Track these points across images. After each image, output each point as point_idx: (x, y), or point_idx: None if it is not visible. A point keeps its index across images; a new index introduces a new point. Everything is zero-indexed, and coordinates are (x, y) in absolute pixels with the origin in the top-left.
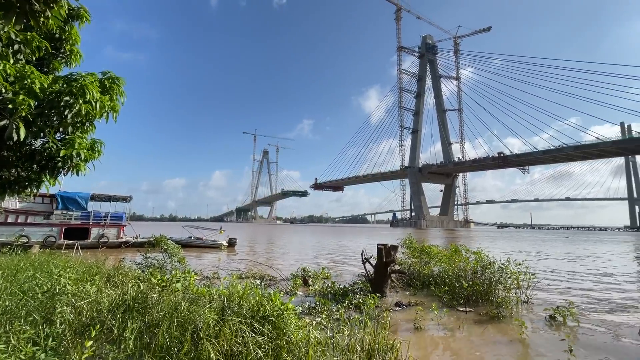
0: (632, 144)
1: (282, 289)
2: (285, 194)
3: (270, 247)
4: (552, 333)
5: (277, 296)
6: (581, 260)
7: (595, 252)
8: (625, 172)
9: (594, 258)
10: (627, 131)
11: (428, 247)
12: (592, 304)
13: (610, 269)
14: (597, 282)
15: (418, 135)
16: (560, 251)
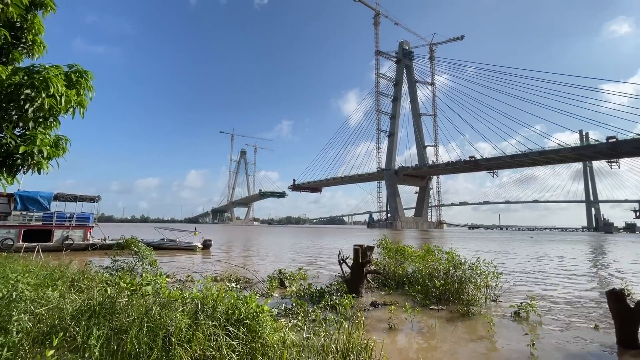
0: (589, 151)
1: (258, 291)
2: (262, 194)
3: (247, 249)
4: (517, 328)
5: (252, 299)
6: (544, 260)
7: (556, 252)
8: (583, 177)
9: (556, 257)
10: (585, 138)
11: (402, 248)
12: (553, 299)
13: (569, 267)
14: (557, 280)
15: (394, 139)
16: (525, 251)
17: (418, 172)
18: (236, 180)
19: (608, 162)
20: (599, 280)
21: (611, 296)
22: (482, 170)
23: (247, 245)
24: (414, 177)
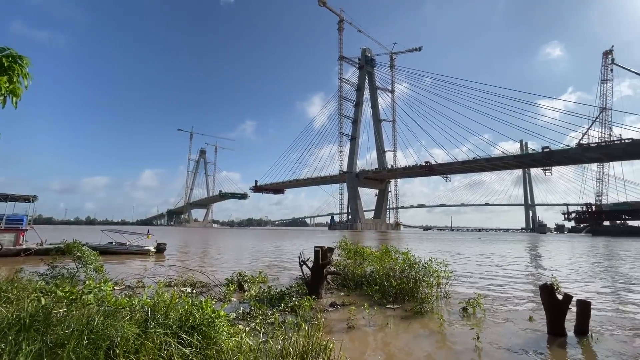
0: (527, 159)
1: (215, 295)
2: (223, 196)
3: (205, 252)
4: (465, 323)
5: (208, 304)
6: (489, 258)
7: (500, 251)
8: (522, 182)
9: (499, 256)
10: (525, 148)
11: (362, 249)
12: (496, 295)
13: (510, 265)
14: (500, 277)
15: (356, 142)
16: (474, 251)
17: (378, 176)
18: (194, 180)
19: (543, 170)
20: (534, 276)
21: (543, 290)
22: (436, 175)
23: (206, 248)
24: (374, 180)
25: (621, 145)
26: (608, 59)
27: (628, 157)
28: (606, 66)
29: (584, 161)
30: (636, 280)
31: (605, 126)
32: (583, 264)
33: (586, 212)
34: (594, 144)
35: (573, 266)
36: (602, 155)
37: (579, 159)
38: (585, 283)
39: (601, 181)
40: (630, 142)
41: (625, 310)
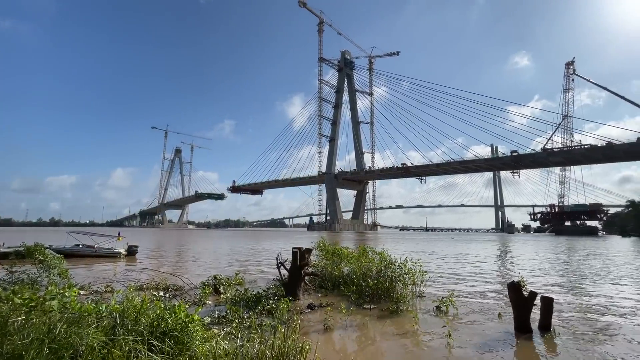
0: (498, 162)
1: (189, 299)
2: (199, 196)
3: (180, 255)
4: (438, 321)
5: (181, 308)
6: (463, 257)
7: (472, 251)
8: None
9: (471, 255)
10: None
11: (339, 250)
12: (468, 293)
13: (481, 263)
14: (472, 275)
15: (335, 144)
16: (447, 250)
17: (356, 177)
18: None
19: (512, 173)
20: (503, 274)
21: (510, 288)
22: (412, 177)
23: (180, 250)
24: (352, 182)
25: (581, 150)
26: (570, 69)
27: (587, 161)
28: (568, 76)
29: (548, 165)
30: (591, 276)
31: (567, 132)
32: (546, 262)
33: (550, 213)
34: (557, 149)
35: (537, 264)
36: (564, 159)
37: (544, 163)
38: (547, 280)
39: (563, 184)
40: (589, 147)
41: (582, 303)
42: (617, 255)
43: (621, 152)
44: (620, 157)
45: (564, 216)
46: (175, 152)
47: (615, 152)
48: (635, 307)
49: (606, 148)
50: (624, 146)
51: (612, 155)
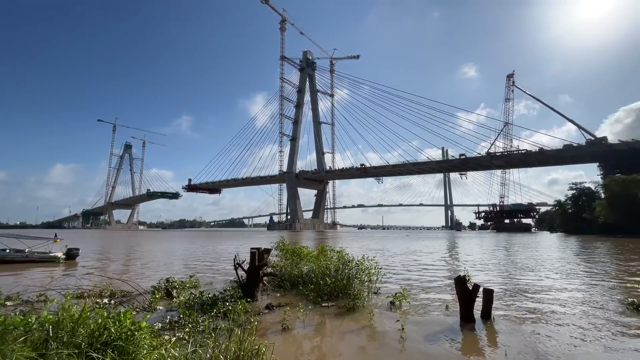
0: (447, 164)
1: (138, 305)
2: (151, 195)
3: (129, 257)
4: (392, 316)
5: (127, 315)
6: (415, 254)
7: (424, 247)
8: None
9: (423, 252)
10: (446, 154)
11: (299, 249)
12: (420, 287)
13: (432, 260)
14: (424, 271)
15: (296, 143)
16: (402, 247)
17: (316, 177)
18: (118, 178)
19: (460, 174)
20: (451, 268)
21: (457, 281)
22: (370, 177)
23: (129, 252)
24: (313, 181)
25: (519, 155)
26: (510, 81)
27: (524, 165)
28: (509, 87)
29: (491, 167)
30: (526, 268)
31: (508, 138)
32: (488, 256)
33: (492, 212)
34: (499, 153)
35: (481, 259)
36: (505, 162)
37: (488, 166)
38: (489, 273)
39: (504, 185)
40: (525, 152)
41: (516, 293)
42: (545, 249)
43: (551, 158)
44: (550, 161)
45: (504, 215)
46: (125, 147)
47: (546, 157)
48: (558, 293)
49: (539, 153)
50: (553, 152)
51: (543, 159)
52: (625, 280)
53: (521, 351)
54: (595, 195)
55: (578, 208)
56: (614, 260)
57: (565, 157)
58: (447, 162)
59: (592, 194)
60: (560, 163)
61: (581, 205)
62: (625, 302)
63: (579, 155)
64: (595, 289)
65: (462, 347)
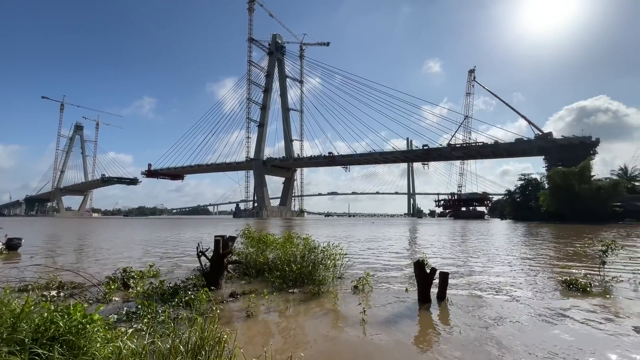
0: (411, 154)
1: (91, 297)
2: (106, 181)
3: (81, 247)
4: (355, 299)
5: (78, 307)
6: (379, 240)
7: (387, 233)
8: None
9: (387, 238)
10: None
11: (265, 236)
12: (381, 271)
13: (394, 245)
14: (386, 255)
15: (264, 129)
16: (366, 234)
17: (284, 164)
18: (67, 161)
19: (422, 164)
20: (412, 253)
21: (416, 265)
22: (338, 165)
23: (82, 242)
24: (281, 169)
25: (476, 147)
26: (471, 76)
27: (480, 156)
28: (470, 82)
29: (451, 158)
30: (478, 252)
31: (467, 131)
32: (445, 241)
33: (450, 200)
34: (459, 145)
35: (438, 244)
36: (464, 154)
37: (448, 156)
38: (445, 256)
39: (462, 175)
40: (482, 145)
41: (471, 274)
42: (495, 235)
43: (504, 150)
44: (503, 154)
45: (461, 203)
46: (75, 128)
47: (500, 149)
48: (505, 275)
49: (494, 146)
50: (506, 145)
51: (498, 152)
52: (560, 261)
53: (472, 327)
54: (540, 186)
55: (525, 197)
56: (552, 244)
57: (517, 150)
58: (411, 152)
59: (538, 185)
60: (512, 155)
61: (528, 195)
62: (561, 280)
63: (529, 148)
64: (536, 270)
65: (419, 326)
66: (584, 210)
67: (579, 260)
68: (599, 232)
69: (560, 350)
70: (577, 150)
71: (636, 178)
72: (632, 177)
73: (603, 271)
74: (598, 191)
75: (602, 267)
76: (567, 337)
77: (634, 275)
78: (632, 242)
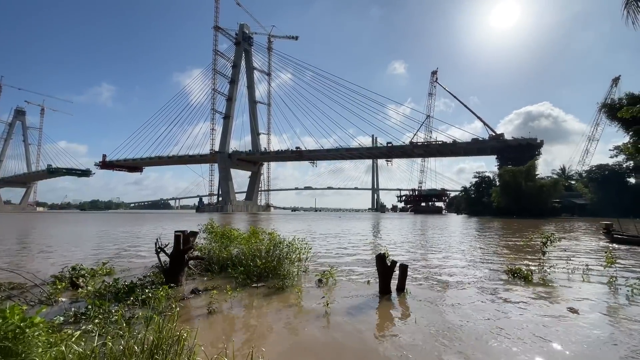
0: (376, 151)
1: (32, 298)
2: (53, 172)
3: (23, 244)
4: (319, 293)
5: (15, 310)
6: (343, 234)
7: (352, 228)
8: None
9: (351, 232)
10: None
11: (229, 231)
12: (345, 265)
13: (358, 239)
14: (350, 249)
15: (230, 122)
16: (332, 228)
17: (251, 158)
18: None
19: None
20: (374, 246)
21: (377, 258)
22: (305, 160)
23: (24, 238)
24: (247, 162)
25: (436, 145)
26: (434, 77)
27: (440, 154)
28: (432, 82)
29: (413, 155)
30: (435, 245)
31: (428, 130)
32: (406, 234)
33: (412, 196)
34: (420, 143)
35: (399, 237)
36: (424, 152)
37: (410, 154)
38: (405, 250)
39: (423, 172)
40: (442, 143)
41: (427, 267)
42: (451, 228)
43: (461, 149)
44: (460, 152)
45: (421, 198)
46: (16, 113)
47: (457, 148)
48: (459, 267)
49: (452, 145)
50: (463, 144)
51: (456, 150)
52: (507, 253)
53: (429, 317)
54: (492, 183)
55: (479, 194)
56: (501, 237)
57: (473, 149)
58: (376, 149)
59: (491, 182)
60: (468, 154)
61: (482, 192)
62: (506, 270)
63: (483, 147)
64: (486, 261)
65: (379, 316)
66: (529, 206)
67: (523, 252)
68: (541, 226)
69: (506, 331)
70: (525, 150)
71: (572, 178)
72: (569, 176)
73: (543, 261)
74: (541, 189)
75: (542, 257)
76: (512, 320)
77: (568, 264)
78: (567, 235)
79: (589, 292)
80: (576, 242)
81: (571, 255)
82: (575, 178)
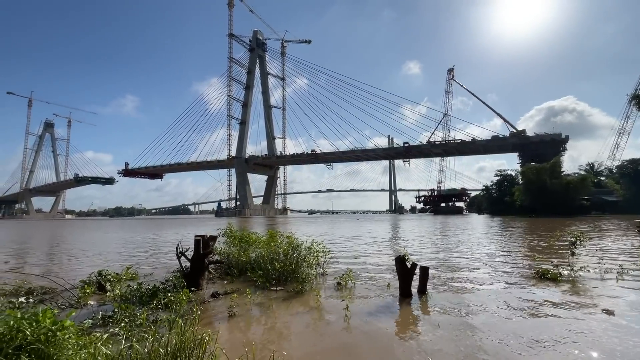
0: (393, 151)
1: (63, 302)
2: (80, 180)
3: (54, 250)
4: (338, 296)
5: (47, 314)
6: (362, 236)
7: (369, 230)
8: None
9: (369, 235)
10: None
11: (247, 235)
12: (364, 267)
13: (378, 241)
14: (369, 252)
15: (246, 127)
16: (349, 230)
17: (267, 162)
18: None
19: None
20: (393, 248)
21: (397, 261)
22: (321, 163)
23: (54, 245)
24: (264, 167)
25: (455, 144)
26: (450, 74)
27: (459, 153)
28: (449, 80)
29: (431, 155)
30: (457, 246)
31: (446, 129)
32: (425, 236)
33: (430, 196)
34: (438, 142)
35: (419, 239)
36: (443, 151)
37: (428, 153)
38: (426, 251)
39: (441, 172)
40: (460, 142)
41: (450, 268)
42: (474, 229)
43: (481, 147)
44: (480, 150)
45: (441, 199)
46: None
47: (477, 146)
48: (483, 269)
49: (471, 143)
50: (483, 142)
51: (475, 149)
52: (533, 253)
53: (452, 321)
54: (515, 181)
55: (501, 192)
56: (526, 237)
57: (493, 146)
58: (392, 150)
59: (513, 180)
60: (488, 152)
61: (503, 190)
62: (534, 271)
63: (504, 145)
64: (511, 262)
65: (400, 319)
66: (555, 204)
67: (551, 252)
68: (569, 225)
69: (533, 336)
70: (548, 147)
71: (602, 174)
72: (598, 172)
73: (573, 261)
74: (567, 186)
75: (571, 257)
76: (540, 323)
77: (599, 265)
78: (598, 234)
79: (623, 293)
80: (608, 241)
81: (603, 256)
82: (605, 174)
